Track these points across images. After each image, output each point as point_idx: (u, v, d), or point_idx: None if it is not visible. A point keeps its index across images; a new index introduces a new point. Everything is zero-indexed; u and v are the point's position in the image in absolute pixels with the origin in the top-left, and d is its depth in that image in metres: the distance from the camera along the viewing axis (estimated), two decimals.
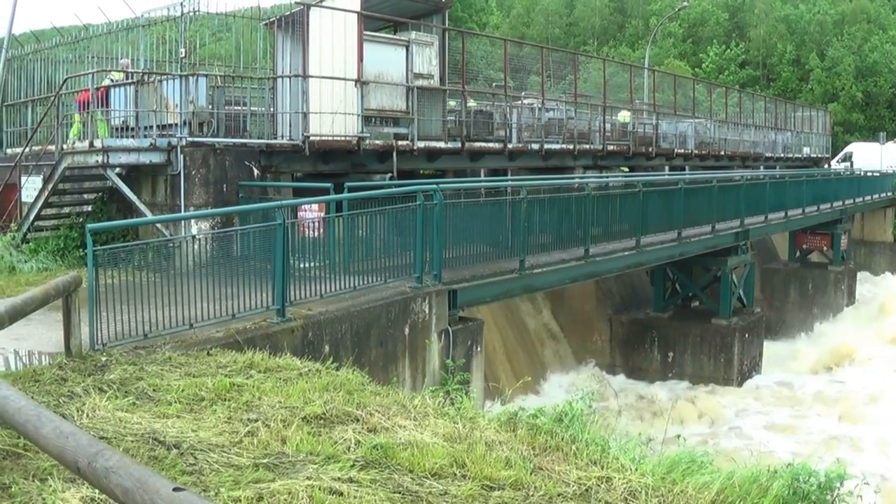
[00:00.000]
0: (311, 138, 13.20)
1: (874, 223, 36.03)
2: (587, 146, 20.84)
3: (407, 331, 9.98)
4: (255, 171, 12.92)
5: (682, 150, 26.03)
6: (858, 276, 31.01)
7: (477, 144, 17.09)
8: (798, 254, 29.34)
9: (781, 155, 34.77)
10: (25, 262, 12.15)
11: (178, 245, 9.03)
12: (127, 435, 4.72)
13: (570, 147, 19.97)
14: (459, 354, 10.57)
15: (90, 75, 12.60)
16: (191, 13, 15.36)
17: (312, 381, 6.16)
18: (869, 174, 35.55)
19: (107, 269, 7.43)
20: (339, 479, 4.26)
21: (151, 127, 12.34)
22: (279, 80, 13.73)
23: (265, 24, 15.49)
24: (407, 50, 15.10)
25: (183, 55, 15.95)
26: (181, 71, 14.86)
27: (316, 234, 10.01)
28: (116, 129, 12.98)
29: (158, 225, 11.80)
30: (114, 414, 5.09)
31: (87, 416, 5.06)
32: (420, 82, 15.28)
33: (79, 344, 6.63)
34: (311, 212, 11.24)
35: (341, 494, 4.08)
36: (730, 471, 4.88)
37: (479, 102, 19.27)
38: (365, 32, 14.18)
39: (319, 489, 4.07)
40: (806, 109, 41.70)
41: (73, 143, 12.66)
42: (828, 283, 28.20)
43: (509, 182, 16.29)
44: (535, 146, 18.72)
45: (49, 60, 17.17)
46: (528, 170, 19.16)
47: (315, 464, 4.49)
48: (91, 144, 11.95)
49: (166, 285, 7.71)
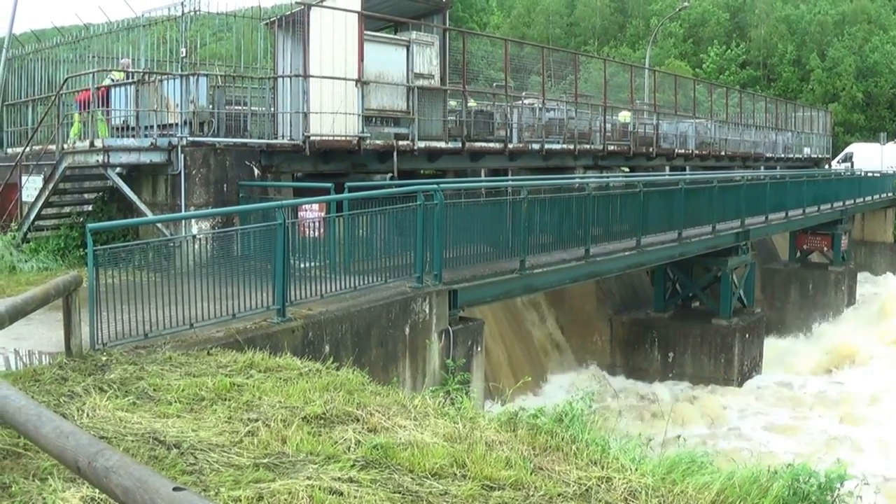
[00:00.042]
0: (311, 138, 13.20)
1: (875, 224, 36.04)
2: (588, 146, 20.84)
3: (407, 331, 9.98)
4: (256, 171, 12.92)
5: (683, 151, 26.03)
6: (859, 276, 31.01)
7: (477, 144, 17.09)
8: (798, 254, 29.31)
9: (782, 155, 34.76)
10: (26, 261, 12.16)
11: (179, 245, 9.02)
12: (127, 434, 4.72)
13: (571, 147, 19.98)
14: (460, 354, 10.56)
15: (91, 75, 12.60)
16: (191, 13, 15.35)
17: (313, 381, 6.16)
18: (869, 174, 35.55)
19: (107, 269, 7.43)
20: (339, 478, 4.26)
21: (152, 127, 12.34)
22: (280, 79, 13.73)
23: (266, 23, 15.48)
24: (407, 50, 15.10)
25: (183, 55, 15.93)
26: (182, 71, 14.85)
27: (316, 233, 10.00)
28: (117, 128, 12.98)
29: (159, 225, 11.80)
30: (114, 413, 5.09)
31: (88, 415, 5.06)
32: (421, 82, 15.28)
33: (79, 343, 6.63)
34: (311, 212, 11.24)
35: (341, 494, 4.08)
36: (730, 471, 4.88)
37: (479, 102, 19.27)
38: (366, 32, 14.18)
39: (320, 489, 4.07)
40: (806, 110, 41.69)
41: (74, 142, 12.66)
42: (828, 284, 28.19)
43: (510, 182, 16.29)
44: (536, 146, 18.72)
45: (50, 60, 17.16)
46: (528, 170, 19.16)
47: (315, 464, 4.49)
48: (92, 144, 11.94)
49: (167, 285, 7.71)
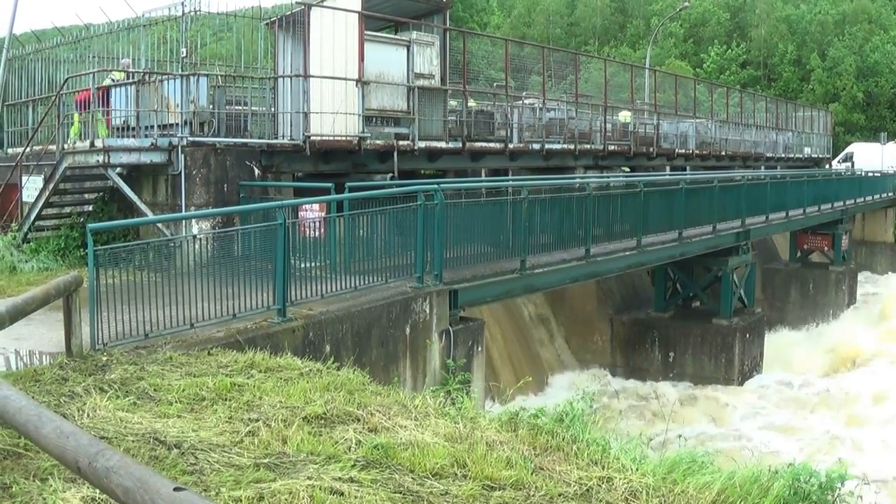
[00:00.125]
0: (311, 138, 13.20)
1: (875, 223, 36.05)
2: (588, 146, 20.84)
3: (408, 331, 9.97)
4: (256, 171, 12.92)
5: (683, 151, 26.02)
6: (859, 276, 31.01)
7: (478, 144, 17.08)
8: (799, 254, 29.30)
9: (782, 155, 34.75)
10: (26, 261, 12.16)
11: (179, 245, 9.02)
12: (128, 435, 4.72)
13: (571, 147, 19.98)
14: (460, 354, 10.55)
15: (91, 75, 12.60)
16: (192, 13, 15.34)
17: (313, 381, 6.16)
18: (870, 174, 35.55)
19: (108, 269, 7.43)
20: (339, 478, 4.26)
21: (152, 127, 12.34)
22: (280, 79, 13.73)
23: (266, 23, 15.48)
24: (408, 50, 15.10)
25: (184, 55, 15.93)
26: (182, 71, 14.85)
27: (317, 233, 10.00)
28: (117, 128, 12.97)
29: (159, 225, 11.80)
30: (114, 414, 5.09)
31: (88, 415, 5.06)
32: (421, 82, 15.28)
33: (79, 344, 6.63)
34: (311, 212, 11.24)
35: (342, 494, 4.07)
36: (730, 471, 4.88)
37: (479, 102, 19.26)
38: (366, 32, 14.18)
39: (320, 489, 4.07)
40: (807, 109, 41.68)
41: (74, 142, 12.66)
42: (829, 284, 28.18)
43: (510, 182, 16.27)
44: (536, 146, 18.72)
45: (50, 60, 17.15)
46: (529, 170, 19.16)
47: (316, 464, 4.49)
48: (92, 144, 11.95)
49: (167, 285, 7.71)
